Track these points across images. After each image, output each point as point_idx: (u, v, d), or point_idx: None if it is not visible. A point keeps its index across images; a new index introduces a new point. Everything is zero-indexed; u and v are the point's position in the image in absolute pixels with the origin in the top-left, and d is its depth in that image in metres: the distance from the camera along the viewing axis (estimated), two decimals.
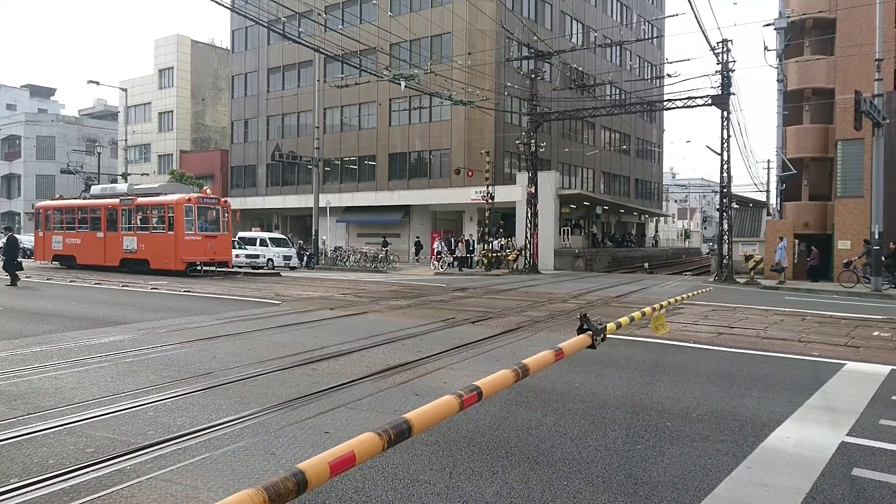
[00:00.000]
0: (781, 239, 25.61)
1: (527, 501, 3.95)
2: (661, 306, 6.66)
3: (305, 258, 33.36)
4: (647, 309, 6.33)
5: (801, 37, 30.92)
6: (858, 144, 25.65)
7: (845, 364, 8.37)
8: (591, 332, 4.37)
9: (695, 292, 14.52)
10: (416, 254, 37.17)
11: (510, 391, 6.76)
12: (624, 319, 5.43)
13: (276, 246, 32.08)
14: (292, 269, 31.39)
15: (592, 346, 4.39)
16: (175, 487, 4.02)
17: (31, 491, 3.92)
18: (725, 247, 26.93)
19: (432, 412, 2.82)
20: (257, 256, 30.84)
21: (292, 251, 32.56)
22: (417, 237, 39.33)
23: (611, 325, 4.80)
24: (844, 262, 23.97)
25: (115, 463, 4.39)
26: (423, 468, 4.46)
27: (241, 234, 33.16)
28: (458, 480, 4.25)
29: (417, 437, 5.13)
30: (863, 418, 5.87)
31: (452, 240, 35.14)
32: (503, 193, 34.26)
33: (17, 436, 4.97)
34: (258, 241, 31.96)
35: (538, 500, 3.96)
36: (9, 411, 5.66)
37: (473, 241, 35.44)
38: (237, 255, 29.54)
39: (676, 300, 9.38)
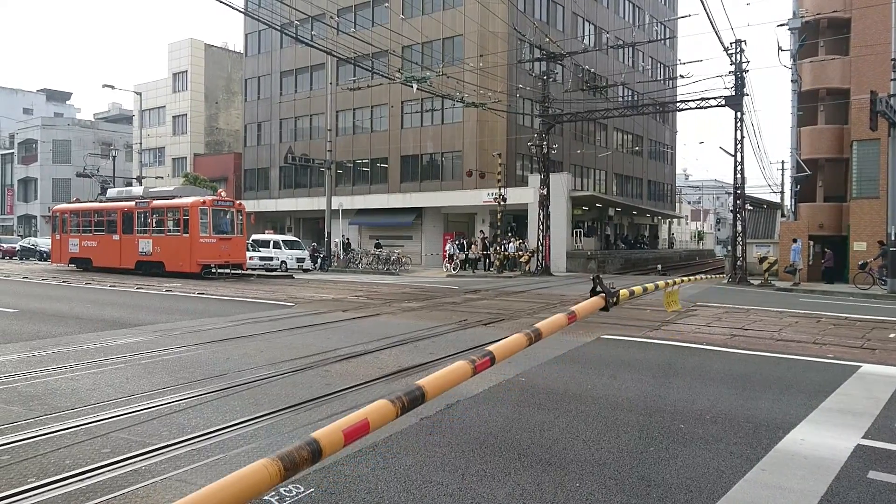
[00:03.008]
0: (795, 240, 25.41)
1: (539, 503, 3.95)
2: (675, 282, 6.68)
3: (319, 260, 33.47)
4: (661, 283, 6.29)
5: (816, 37, 30.67)
6: (874, 145, 25.41)
7: (861, 366, 8.29)
8: (604, 294, 4.31)
9: (710, 276, 14.39)
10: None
11: (522, 393, 6.77)
12: (637, 289, 5.42)
13: (290, 248, 32.24)
14: (305, 271, 31.53)
15: (606, 308, 4.32)
16: (190, 488, 4.05)
17: (49, 491, 3.97)
18: (739, 248, 26.77)
19: (445, 378, 2.77)
20: (271, 259, 31.00)
21: (305, 253, 32.71)
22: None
23: (623, 292, 4.76)
24: (860, 263, 23.76)
25: (131, 463, 4.43)
26: (435, 469, 4.47)
27: (254, 236, 33.35)
28: (470, 482, 4.25)
29: (429, 438, 5.16)
30: (879, 421, 5.82)
31: (465, 241, 35.12)
32: (515, 195, 34.21)
33: (35, 436, 5.03)
34: (271, 243, 32.14)
35: (550, 502, 3.95)
36: (26, 412, 5.73)
37: (487, 242, 35.34)
38: (251, 258, 29.71)
39: (688, 280, 9.34)
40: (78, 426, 5.29)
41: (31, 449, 4.76)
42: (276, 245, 31.98)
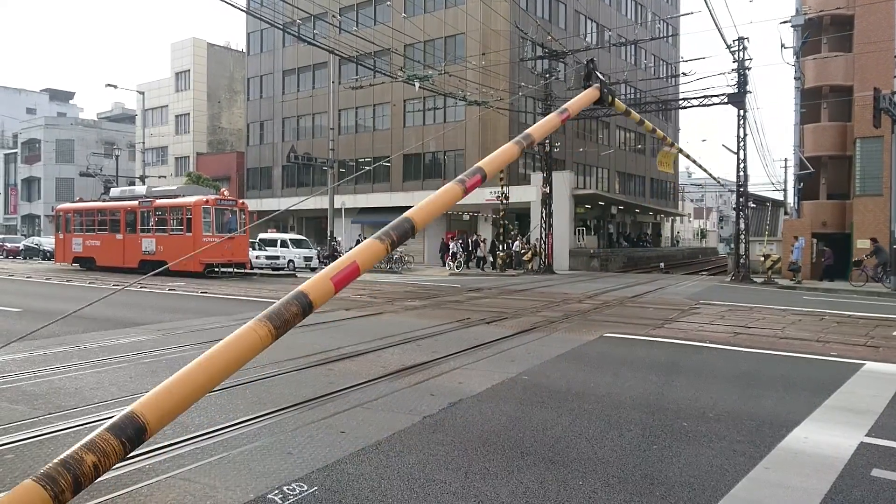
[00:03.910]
0: (797, 238, 25.37)
1: (542, 501, 3.95)
2: (672, 145, 6.95)
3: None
4: (660, 133, 6.27)
5: (819, 34, 30.60)
6: (877, 142, 25.35)
7: (864, 364, 8.29)
8: (598, 85, 4.09)
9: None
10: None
11: (524, 391, 6.77)
12: (635, 115, 5.42)
13: (297, 247, 32.24)
14: (312, 269, 31.55)
15: (601, 102, 4.05)
16: (193, 486, 4.07)
17: None
18: (742, 246, 26.73)
19: (434, 204, 2.71)
20: (277, 258, 31.00)
21: (313, 252, 32.67)
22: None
23: (620, 104, 4.64)
24: (854, 261, 23.74)
25: (134, 462, 4.44)
26: (438, 468, 4.47)
27: (261, 235, 33.36)
28: (473, 480, 4.26)
29: (432, 436, 5.16)
30: (882, 419, 5.81)
31: (470, 240, 35.06)
32: (518, 194, 34.20)
33: (39, 435, 5.04)
34: (279, 242, 32.13)
35: (554, 500, 3.96)
36: (31, 411, 5.75)
37: (491, 240, 35.27)
38: (257, 257, 29.74)
39: (684, 152, 9.37)
40: (82, 425, 5.31)
41: (36, 447, 4.78)
42: (284, 244, 31.98)
